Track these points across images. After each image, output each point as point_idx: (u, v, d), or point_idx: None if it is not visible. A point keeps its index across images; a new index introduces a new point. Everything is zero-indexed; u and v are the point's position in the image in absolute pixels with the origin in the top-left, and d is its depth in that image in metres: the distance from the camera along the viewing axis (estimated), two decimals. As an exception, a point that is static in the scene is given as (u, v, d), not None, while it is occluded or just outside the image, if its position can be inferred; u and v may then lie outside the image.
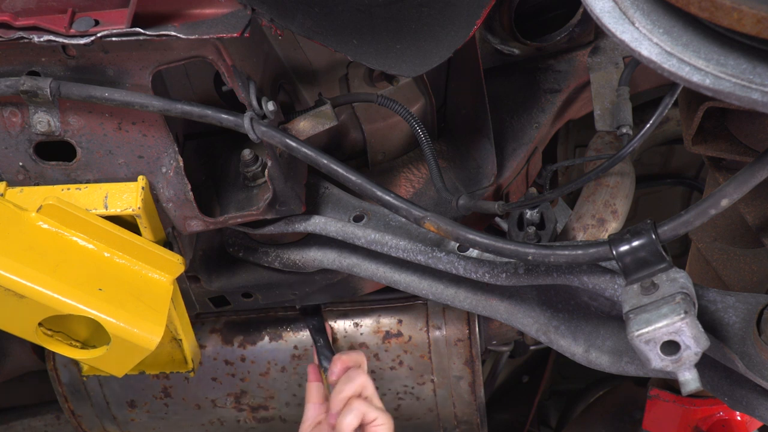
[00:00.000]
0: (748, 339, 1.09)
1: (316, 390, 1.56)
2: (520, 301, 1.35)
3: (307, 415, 1.54)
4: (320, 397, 1.55)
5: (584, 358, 1.29)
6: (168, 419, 1.81)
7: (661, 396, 1.94)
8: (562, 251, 1.07)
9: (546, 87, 1.60)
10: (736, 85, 0.81)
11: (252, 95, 1.14)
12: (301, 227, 1.34)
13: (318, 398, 1.55)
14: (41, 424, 2.03)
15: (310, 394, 1.56)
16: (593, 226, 1.57)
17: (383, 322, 1.70)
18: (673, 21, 0.88)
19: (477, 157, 1.49)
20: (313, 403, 1.55)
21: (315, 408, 1.54)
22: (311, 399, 1.55)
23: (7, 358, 1.85)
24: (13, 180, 1.22)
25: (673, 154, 2.15)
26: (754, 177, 0.94)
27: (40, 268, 1.13)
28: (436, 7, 1.18)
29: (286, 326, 1.72)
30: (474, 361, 1.69)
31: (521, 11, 1.53)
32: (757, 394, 1.16)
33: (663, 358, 0.97)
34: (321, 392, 1.56)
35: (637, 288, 1.01)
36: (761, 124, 1.22)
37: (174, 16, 1.07)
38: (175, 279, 1.25)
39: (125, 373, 1.26)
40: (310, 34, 1.10)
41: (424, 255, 1.28)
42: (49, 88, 1.11)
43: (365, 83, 1.40)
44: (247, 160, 1.25)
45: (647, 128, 1.29)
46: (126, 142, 1.19)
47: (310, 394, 1.56)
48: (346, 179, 1.17)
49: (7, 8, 1.07)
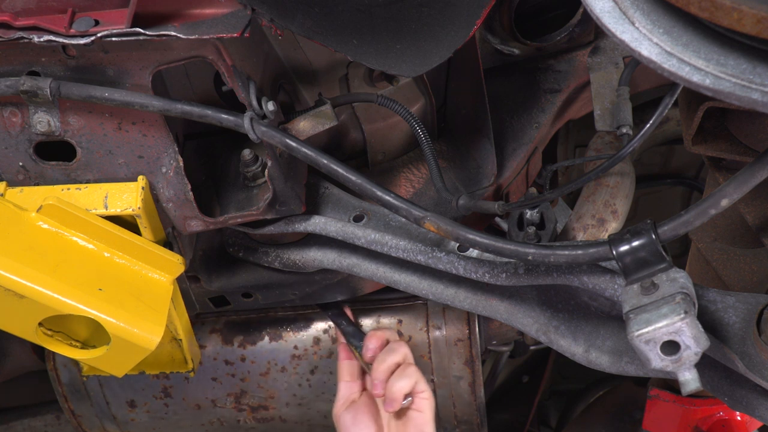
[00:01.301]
0: (748, 339, 1.09)
1: (348, 368, 1.55)
2: (520, 301, 1.35)
3: (341, 393, 1.53)
4: (352, 374, 1.54)
5: (584, 358, 1.29)
6: (168, 419, 1.81)
7: (661, 396, 1.94)
8: (562, 251, 1.07)
9: (546, 87, 1.60)
10: (736, 85, 0.81)
11: (252, 95, 1.14)
12: (301, 227, 1.34)
13: (350, 376, 1.54)
14: (41, 424, 2.03)
15: (342, 372, 1.55)
16: (593, 226, 1.57)
17: (383, 322, 1.70)
18: (673, 21, 0.88)
19: (477, 157, 1.49)
20: (346, 381, 1.54)
21: (348, 386, 1.53)
22: (344, 377, 1.54)
23: (7, 358, 1.85)
24: (13, 180, 1.22)
25: (673, 154, 2.15)
26: (754, 177, 0.94)
27: (40, 268, 1.13)
28: (436, 7, 1.18)
29: (286, 326, 1.72)
30: (474, 361, 1.69)
31: (521, 11, 1.53)
32: (757, 394, 1.16)
33: (663, 358, 0.97)
34: (353, 370, 1.55)
35: (637, 288, 1.01)
36: (761, 124, 1.22)
37: (174, 16, 1.07)
38: (175, 279, 1.25)
39: (125, 373, 1.26)
40: (310, 34, 1.10)
41: (424, 255, 1.28)
42: (49, 88, 1.11)
43: (365, 83, 1.40)
44: (247, 160, 1.25)
45: (647, 128, 1.29)
46: (126, 142, 1.19)
47: (342, 372, 1.55)
48: (346, 179, 1.17)
49: (7, 8, 1.07)
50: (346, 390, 1.53)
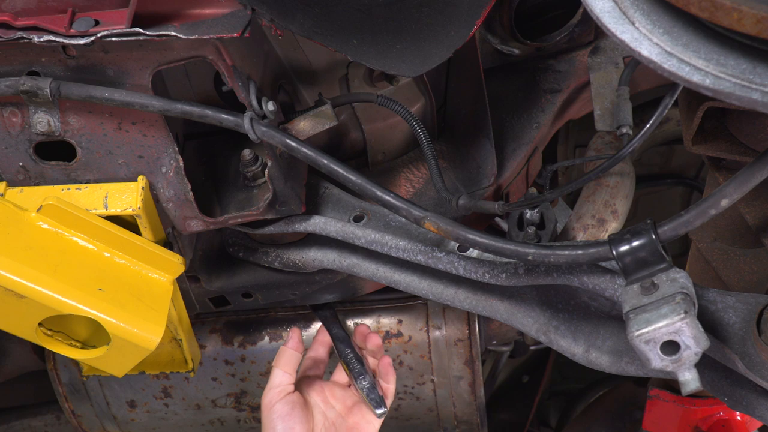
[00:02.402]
0: (748, 339, 1.09)
1: (290, 358, 1.42)
2: (520, 301, 1.35)
3: (277, 380, 1.40)
4: (292, 367, 1.42)
5: (584, 358, 1.29)
6: (168, 419, 1.81)
7: (661, 396, 1.94)
8: (562, 251, 1.07)
9: (546, 87, 1.61)
10: (736, 85, 0.81)
11: (252, 95, 1.14)
12: (301, 227, 1.34)
13: (289, 367, 1.42)
14: (41, 424, 2.03)
15: (283, 360, 1.42)
16: (593, 226, 1.57)
17: (383, 322, 1.70)
18: (673, 21, 0.88)
19: (477, 157, 1.49)
20: (284, 371, 1.41)
21: (284, 377, 1.41)
22: (283, 366, 1.41)
23: (7, 358, 1.85)
24: (13, 180, 1.22)
25: (673, 154, 2.15)
26: (754, 177, 0.94)
27: (40, 268, 1.13)
28: (436, 7, 1.18)
29: (286, 326, 1.72)
30: (474, 361, 1.69)
31: (521, 11, 1.53)
32: (757, 394, 1.16)
33: (663, 358, 0.97)
34: (294, 362, 1.42)
35: (637, 288, 1.01)
36: (761, 124, 1.22)
37: (174, 16, 1.07)
38: (175, 279, 1.25)
39: (125, 373, 1.26)
40: (310, 34, 1.10)
41: (424, 255, 1.28)
42: (49, 88, 1.11)
43: (365, 83, 1.40)
44: (247, 160, 1.25)
45: (647, 128, 1.29)
46: (126, 142, 1.19)
47: (283, 361, 1.42)
48: (346, 179, 1.17)
49: (7, 8, 1.07)
50: (282, 379, 1.40)
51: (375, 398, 1.42)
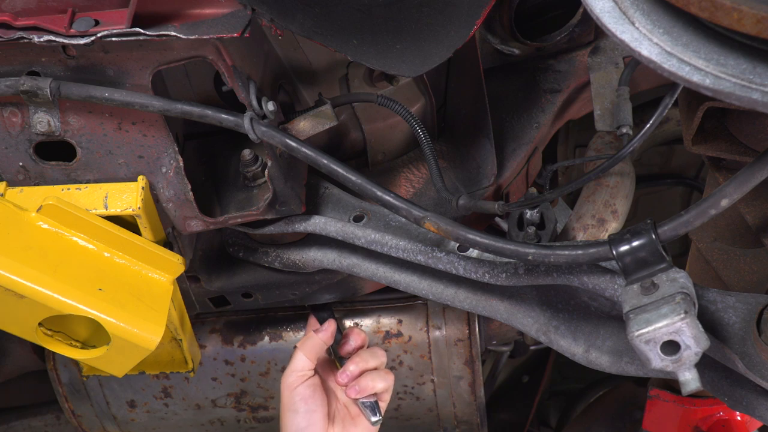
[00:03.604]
0: (748, 339, 1.09)
1: (313, 344, 1.43)
2: (520, 301, 1.35)
3: (299, 364, 1.41)
4: (314, 353, 1.43)
5: (584, 358, 1.29)
6: (168, 419, 1.81)
7: (661, 396, 1.94)
8: (562, 251, 1.07)
9: (546, 87, 1.60)
10: (736, 85, 0.81)
11: (252, 95, 1.14)
12: (301, 227, 1.34)
13: (312, 353, 1.42)
14: (41, 424, 2.03)
15: (307, 346, 1.42)
16: (593, 226, 1.57)
17: (383, 322, 1.70)
18: (673, 21, 0.88)
19: (477, 157, 1.49)
20: (306, 356, 1.42)
21: (305, 362, 1.41)
22: (306, 351, 1.42)
23: (7, 358, 1.85)
24: (13, 180, 1.22)
25: (673, 154, 2.15)
26: (754, 177, 0.94)
27: (40, 268, 1.13)
28: (436, 7, 1.18)
29: (286, 326, 1.72)
30: (474, 361, 1.69)
31: (521, 11, 1.53)
32: (757, 394, 1.16)
33: (663, 358, 0.97)
34: (316, 349, 1.43)
35: (637, 288, 1.01)
36: (761, 124, 1.22)
37: (174, 16, 1.07)
38: (175, 279, 1.25)
39: (125, 373, 1.26)
40: (310, 34, 1.10)
41: (424, 255, 1.28)
42: (49, 88, 1.11)
43: (365, 83, 1.40)
44: (247, 160, 1.25)
45: (647, 128, 1.29)
46: (126, 142, 1.19)
47: (307, 347, 1.42)
48: (346, 179, 1.17)
49: (7, 8, 1.07)
50: (305, 364, 1.41)
51: (369, 405, 1.43)
